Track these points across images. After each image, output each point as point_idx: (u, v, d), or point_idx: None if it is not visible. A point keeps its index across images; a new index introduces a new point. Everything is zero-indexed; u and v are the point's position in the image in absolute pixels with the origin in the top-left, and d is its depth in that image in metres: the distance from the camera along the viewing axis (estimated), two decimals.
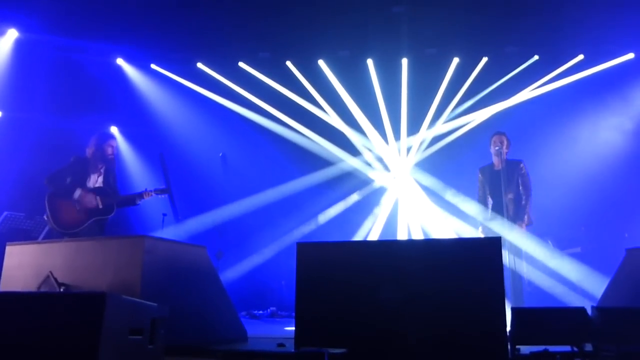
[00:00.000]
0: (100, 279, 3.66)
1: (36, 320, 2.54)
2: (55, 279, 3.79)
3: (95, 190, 5.41)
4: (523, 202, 5.85)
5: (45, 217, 5.28)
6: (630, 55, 7.98)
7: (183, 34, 7.91)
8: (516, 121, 7.98)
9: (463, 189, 7.47)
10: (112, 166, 5.61)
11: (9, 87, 7.59)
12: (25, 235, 6.38)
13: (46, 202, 5.23)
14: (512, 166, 5.92)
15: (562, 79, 8.25)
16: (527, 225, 5.85)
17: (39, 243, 4.70)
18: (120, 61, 8.63)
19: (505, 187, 5.76)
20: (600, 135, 8.05)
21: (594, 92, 8.08)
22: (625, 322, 3.07)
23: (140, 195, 5.53)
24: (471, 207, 6.32)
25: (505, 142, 5.97)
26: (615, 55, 8.02)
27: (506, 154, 5.94)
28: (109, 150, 5.53)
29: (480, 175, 6.19)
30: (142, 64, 8.72)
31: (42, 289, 3.79)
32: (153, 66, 8.75)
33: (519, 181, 5.91)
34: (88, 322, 2.46)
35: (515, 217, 5.82)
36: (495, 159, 6.02)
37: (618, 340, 2.98)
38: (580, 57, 8.14)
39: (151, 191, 5.55)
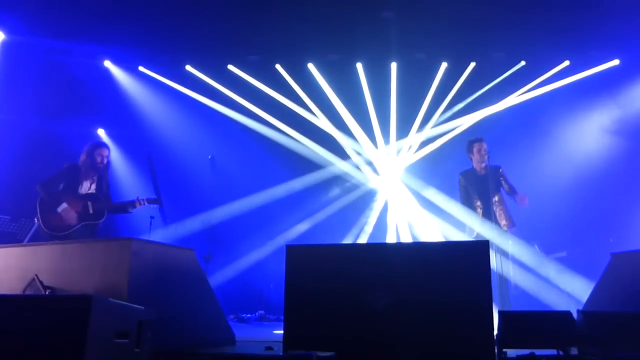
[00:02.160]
0: (87, 282, 3.62)
1: (21, 324, 2.51)
2: (41, 282, 3.74)
3: (87, 196, 5.47)
4: (516, 201, 5.99)
5: (35, 219, 5.31)
6: (615, 62, 8.10)
7: (172, 36, 7.88)
8: (503, 126, 8.07)
9: (451, 193, 7.50)
10: (104, 174, 5.68)
11: None
12: (11, 238, 6.32)
13: (37, 205, 5.28)
14: (494, 171, 6.07)
15: (549, 85, 8.36)
16: (510, 227, 5.98)
17: (24, 246, 4.66)
18: (107, 63, 8.56)
19: (492, 191, 5.92)
20: (587, 141, 8.14)
21: (580, 97, 8.19)
22: (610, 326, 3.11)
23: (133, 203, 5.61)
24: (459, 210, 6.36)
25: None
26: (601, 61, 8.14)
27: None
28: (99, 159, 5.59)
29: (462, 180, 6.25)
30: (129, 66, 8.66)
31: (28, 292, 3.74)
32: (141, 68, 8.69)
33: (501, 185, 6.09)
34: (74, 325, 2.43)
35: (503, 218, 5.96)
36: (479, 164, 6.12)
37: (603, 344, 3.01)
38: (566, 63, 8.25)
39: (143, 200, 5.61)
